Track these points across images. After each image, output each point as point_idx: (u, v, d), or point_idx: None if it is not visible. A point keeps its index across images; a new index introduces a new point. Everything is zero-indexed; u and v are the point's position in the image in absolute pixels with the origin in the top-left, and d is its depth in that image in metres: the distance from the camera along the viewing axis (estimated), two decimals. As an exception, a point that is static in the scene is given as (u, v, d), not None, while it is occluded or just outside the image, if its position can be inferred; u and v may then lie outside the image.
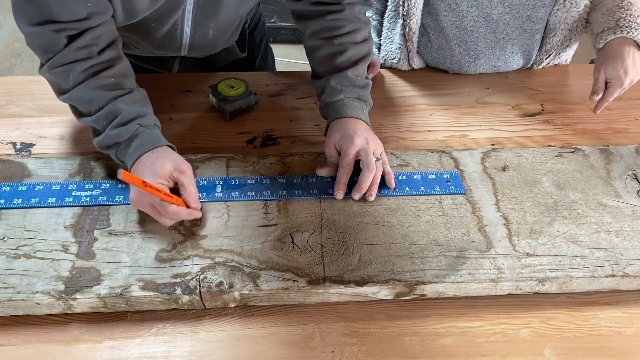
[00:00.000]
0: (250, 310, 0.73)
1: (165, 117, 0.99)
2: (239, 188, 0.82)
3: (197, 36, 0.94)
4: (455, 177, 0.85)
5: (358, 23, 0.91)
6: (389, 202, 0.82)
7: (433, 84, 1.11)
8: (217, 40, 0.99)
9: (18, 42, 2.66)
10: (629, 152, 0.92)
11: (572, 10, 1.04)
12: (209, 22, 0.92)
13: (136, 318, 0.71)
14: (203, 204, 0.80)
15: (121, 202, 0.79)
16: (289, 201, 0.81)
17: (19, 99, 1.02)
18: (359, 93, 0.89)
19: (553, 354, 0.69)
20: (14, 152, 0.91)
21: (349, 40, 0.90)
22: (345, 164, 0.82)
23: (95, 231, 0.76)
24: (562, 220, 0.80)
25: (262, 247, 0.75)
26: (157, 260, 0.73)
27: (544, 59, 1.12)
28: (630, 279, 0.74)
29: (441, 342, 0.70)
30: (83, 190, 0.81)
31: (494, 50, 1.08)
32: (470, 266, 0.73)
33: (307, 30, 0.93)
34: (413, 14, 1.04)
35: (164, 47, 0.97)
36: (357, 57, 0.91)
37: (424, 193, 0.83)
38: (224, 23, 0.94)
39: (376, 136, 0.86)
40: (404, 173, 0.86)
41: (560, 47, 1.11)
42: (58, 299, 0.68)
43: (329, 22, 0.90)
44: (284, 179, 0.84)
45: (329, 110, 0.89)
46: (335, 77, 0.89)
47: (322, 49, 0.91)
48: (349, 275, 0.72)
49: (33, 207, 0.78)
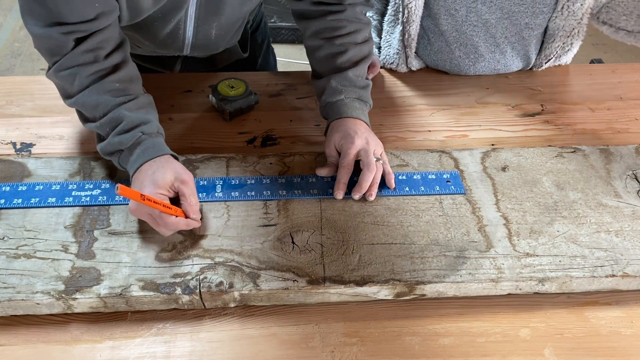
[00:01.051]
0: (250, 310, 0.73)
1: (165, 117, 0.99)
2: (239, 188, 0.82)
3: (199, 36, 0.94)
4: (455, 177, 0.85)
5: (359, 24, 0.91)
6: (389, 202, 0.82)
7: (433, 84, 1.11)
8: (219, 40, 0.99)
9: (18, 42, 2.66)
10: (629, 152, 0.92)
11: (570, 19, 1.03)
12: (212, 22, 0.92)
13: (136, 318, 0.71)
14: (203, 203, 0.80)
15: (121, 202, 0.79)
16: (289, 201, 0.81)
17: (19, 99, 1.02)
18: (359, 93, 0.90)
19: (553, 354, 0.69)
20: (14, 152, 0.91)
21: (349, 40, 0.90)
22: (346, 164, 0.82)
23: (95, 231, 0.76)
24: (562, 220, 0.80)
25: (262, 247, 0.75)
26: (157, 260, 0.73)
27: (544, 62, 1.13)
28: (630, 279, 0.74)
29: (441, 342, 0.70)
30: (83, 190, 0.81)
31: (493, 54, 1.08)
32: (470, 266, 0.73)
33: (308, 30, 0.93)
34: (413, 21, 1.04)
35: (166, 46, 0.97)
36: (358, 58, 0.91)
37: (424, 193, 0.83)
38: (226, 23, 0.94)
39: (376, 136, 0.86)
40: (404, 173, 0.86)
41: (560, 52, 1.11)
42: (58, 299, 0.68)
43: (330, 23, 0.90)
44: (284, 179, 0.84)
45: (329, 110, 0.89)
46: (335, 77, 0.89)
47: (323, 48, 0.91)
48: (349, 275, 0.72)
49: (33, 207, 0.78)
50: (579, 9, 1.02)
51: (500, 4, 1.01)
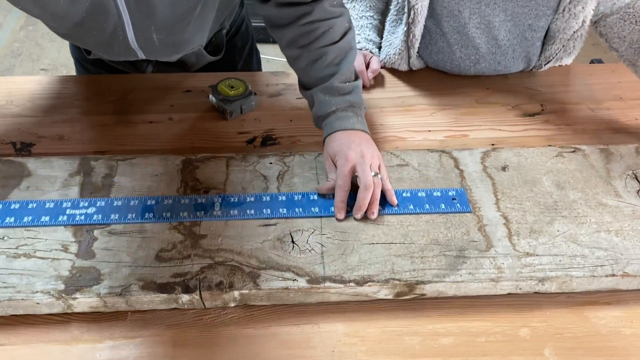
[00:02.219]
0: (250, 310, 0.73)
1: (165, 117, 0.99)
2: (237, 206, 0.80)
3: (142, 41, 0.89)
4: (461, 195, 0.83)
5: (331, 20, 0.86)
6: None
7: (433, 84, 1.11)
8: (166, 44, 0.93)
9: (18, 42, 2.66)
10: (629, 152, 0.92)
11: (571, 21, 1.03)
12: (149, 25, 0.87)
13: (136, 318, 0.71)
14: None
15: (117, 221, 0.76)
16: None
17: (19, 99, 1.02)
18: (349, 101, 0.86)
19: (553, 354, 0.69)
20: (14, 152, 0.91)
21: (325, 42, 0.86)
22: (342, 182, 0.79)
23: (95, 230, 0.76)
24: (562, 219, 0.80)
25: (262, 246, 0.75)
26: (157, 259, 0.73)
27: (544, 64, 1.13)
28: (630, 278, 0.74)
29: (441, 342, 0.70)
30: (77, 208, 0.78)
31: (494, 56, 1.08)
32: (470, 266, 0.73)
33: (283, 40, 0.89)
34: (418, 22, 1.04)
35: (120, 53, 0.93)
36: (340, 58, 0.87)
37: (428, 211, 0.80)
38: (164, 25, 0.88)
39: (374, 145, 0.84)
40: (407, 190, 0.83)
41: (562, 54, 1.11)
42: (58, 298, 0.68)
43: (301, 29, 0.86)
44: (284, 196, 0.81)
45: (322, 124, 0.87)
46: (321, 89, 0.86)
47: (302, 57, 0.88)
48: (349, 274, 0.72)
49: (27, 227, 0.76)
50: (580, 12, 1.02)
51: (504, 6, 1.01)
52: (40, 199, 0.80)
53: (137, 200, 0.79)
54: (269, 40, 2.71)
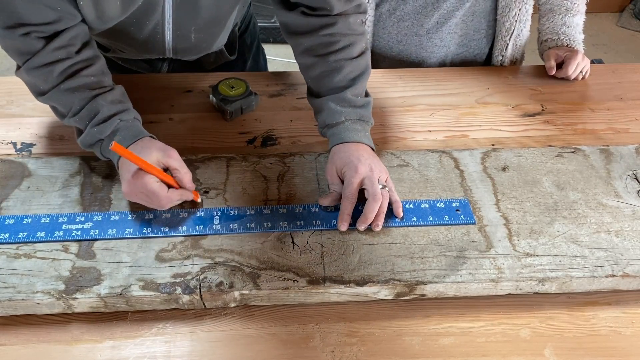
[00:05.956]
0: (250, 310, 0.73)
1: (165, 117, 0.99)
2: (237, 219, 0.78)
3: (178, 39, 0.93)
4: (465, 206, 0.81)
5: (353, 36, 0.86)
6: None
7: (433, 84, 1.11)
8: (200, 43, 0.96)
9: (18, 42, 2.65)
10: (629, 152, 0.92)
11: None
12: (190, 25, 0.90)
13: (136, 318, 0.71)
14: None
15: (114, 236, 0.75)
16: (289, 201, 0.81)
17: (19, 99, 1.02)
18: (359, 114, 0.85)
19: (553, 354, 0.69)
20: (14, 152, 0.92)
21: (344, 56, 0.85)
22: (349, 194, 0.77)
23: (96, 231, 0.76)
24: (562, 220, 0.80)
25: (262, 247, 0.75)
26: (157, 260, 0.73)
27: (508, 40, 1.18)
28: (630, 279, 0.74)
29: (441, 342, 0.70)
30: (74, 223, 0.76)
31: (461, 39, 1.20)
32: (470, 266, 0.73)
33: (300, 47, 0.88)
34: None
35: (148, 50, 0.96)
36: (355, 74, 0.86)
37: (432, 223, 0.79)
38: (205, 25, 0.91)
39: (380, 161, 0.82)
40: (410, 201, 0.82)
41: (517, 22, 1.16)
42: (58, 298, 0.68)
43: (322, 38, 0.85)
44: (285, 208, 0.80)
45: (329, 133, 0.85)
46: (333, 99, 0.85)
47: (317, 66, 0.86)
48: (349, 275, 0.72)
49: (21, 243, 0.74)
50: None
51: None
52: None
53: (135, 214, 0.78)
54: (269, 40, 2.72)
